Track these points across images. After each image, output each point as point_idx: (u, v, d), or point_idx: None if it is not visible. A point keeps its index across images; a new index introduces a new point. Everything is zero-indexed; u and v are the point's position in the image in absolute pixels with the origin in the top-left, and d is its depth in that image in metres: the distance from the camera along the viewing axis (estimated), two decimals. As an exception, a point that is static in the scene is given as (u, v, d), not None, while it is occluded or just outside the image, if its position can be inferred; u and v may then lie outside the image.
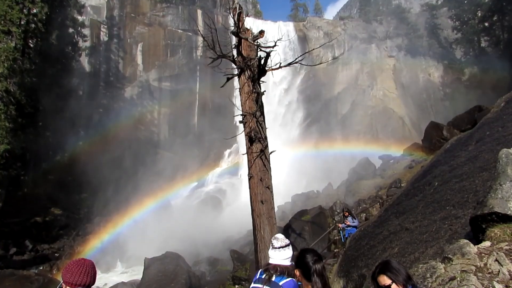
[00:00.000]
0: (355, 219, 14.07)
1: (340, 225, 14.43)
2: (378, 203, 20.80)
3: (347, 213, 14.08)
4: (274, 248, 3.86)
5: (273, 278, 3.71)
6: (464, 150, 10.23)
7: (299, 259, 3.37)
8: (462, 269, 3.97)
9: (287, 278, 3.68)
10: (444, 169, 9.62)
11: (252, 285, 3.82)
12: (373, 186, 29.87)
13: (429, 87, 52.97)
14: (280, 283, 3.64)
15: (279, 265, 3.77)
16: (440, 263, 4.13)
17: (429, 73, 54.06)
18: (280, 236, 3.97)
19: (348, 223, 13.59)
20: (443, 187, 8.55)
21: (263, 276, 3.73)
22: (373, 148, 41.85)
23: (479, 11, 49.09)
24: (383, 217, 10.39)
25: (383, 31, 58.02)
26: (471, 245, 4.25)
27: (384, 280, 2.93)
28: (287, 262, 3.80)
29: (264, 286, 3.66)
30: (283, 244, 3.87)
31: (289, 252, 3.86)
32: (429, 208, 8.13)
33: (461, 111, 31.88)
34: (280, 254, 3.82)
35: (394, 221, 9.23)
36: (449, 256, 4.15)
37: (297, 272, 3.35)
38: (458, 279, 3.74)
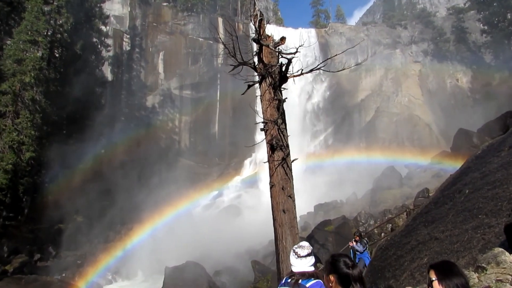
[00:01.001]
0: (364, 246, 12.75)
1: (351, 244, 13.08)
2: (405, 213, 20.13)
3: (358, 237, 12.73)
4: (300, 257, 3.83)
5: (300, 281, 3.71)
6: (496, 156, 9.78)
7: (333, 265, 3.21)
8: (497, 278, 3.73)
9: (314, 280, 3.68)
10: (476, 176, 9.21)
11: None
12: (399, 195, 29.11)
13: (457, 93, 51.48)
14: (307, 285, 3.64)
15: (305, 272, 3.77)
16: (474, 273, 3.90)
17: (457, 79, 52.57)
18: (305, 244, 3.98)
19: (357, 249, 12.42)
20: (475, 195, 8.17)
21: (289, 280, 3.70)
22: (398, 157, 40.88)
23: (509, 13, 47.54)
24: (411, 227, 10.04)
25: (408, 36, 57.04)
26: (507, 253, 4.01)
27: (431, 274, 2.95)
28: (312, 268, 3.80)
29: None
30: (309, 251, 3.86)
31: (313, 258, 3.87)
32: (460, 216, 7.77)
33: (492, 117, 30.75)
34: (306, 261, 3.82)
35: (422, 231, 8.88)
36: (483, 265, 3.91)
37: (331, 278, 3.20)
38: (493, 288, 3.52)
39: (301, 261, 3.81)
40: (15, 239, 25.58)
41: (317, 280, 3.69)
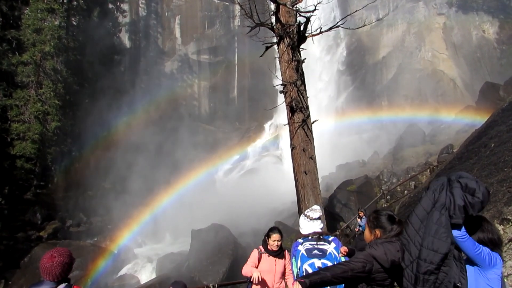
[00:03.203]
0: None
1: (358, 220, 12.06)
2: (428, 170, 19.98)
3: (362, 213, 11.72)
4: (311, 219, 4.00)
5: (322, 237, 3.92)
6: (524, 109, 9.50)
7: (377, 220, 3.20)
8: (523, 230, 3.75)
9: (330, 236, 3.93)
10: (502, 129, 8.99)
11: (303, 247, 3.86)
12: (422, 153, 28.83)
13: (484, 45, 49.04)
14: (330, 239, 3.87)
15: (317, 231, 3.96)
16: (499, 225, 3.92)
17: (483, 30, 49.88)
18: (316, 207, 4.29)
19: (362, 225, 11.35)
20: (500, 148, 8.02)
21: (310, 237, 3.85)
22: (422, 114, 40.02)
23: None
24: (434, 183, 9.99)
25: (432, -13, 54.00)
26: (533, 206, 3.97)
27: None
28: (321, 230, 4.01)
29: (319, 243, 3.76)
30: (320, 214, 4.07)
31: (321, 222, 4.08)
32: (485, 170, 7.68)
33: (520, 69, 29.61)
34: (317, 223, 4.02)
35: (446, 186, 8.83)
36: (508, 217, 3.92)
37: (378, 232, 3.20)
38: (518, 240, 3.54)
39: (313, 223, 3.96)
40: (47, 206, 26.54)
41: (333, 236, 3.88)
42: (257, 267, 4.79)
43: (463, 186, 2.75)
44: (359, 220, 11.93)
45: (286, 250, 5.14)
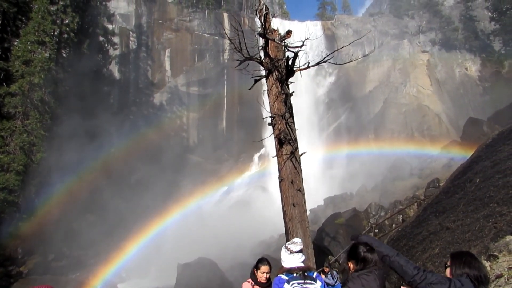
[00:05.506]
0: (334, 278, 10.88)
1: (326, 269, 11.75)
2: (416, 204, 20.04)
3: (327, 269, 10.87)
4: (292, 252, 3.96)
5: (306, 273, 3.82)
6: (507, 144, 9.68)
7: (351, 252, 3.37)
8: (509, 266, 3.73)
9: (315, 272, 3.88)
10: (486, 165, 9.14)
11: (291, 286, 3.78)
12: (409, 186, 28.97)
13: (466, 82, 50.81)
14: (314, 276, 3.78)
15: (300, 267, 3.90)
16: (486, 261, 3.90)
17: (466, 67, 51.86)
18: (297, 240, 4.14)
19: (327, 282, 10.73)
20: (485, 184, 8.12)
21: (295, 275, 3.77)
22: (408, 148, 40.62)
23: (517, 0, 46.63)
24: (422, 217, 10.02)
25: (415, 25, 56.32)
26: (519, 242, 3.98)
27: (448, 260, 3.12)
28: (302, 264, 3.95)
29: (306, 281, 3.68)
30: (302, 247, 4.02)
31: (303, 255, 4.03)
32: (471, 205, 7.73)
33: (502, 105, 30.60)
34: (298, 257, 3.95)
35: (433, 221, 8.86)
36: (495, 253, 3.91)
37: (350, 265, 3.37)
38: (506, 276, 3.53)
39: (294, 256, 3.90)
40: (29, 240, 25.68)
41: (316, 272, 3.86)
42: None
43: None
44: (323, 276, 11.13)
45: None
